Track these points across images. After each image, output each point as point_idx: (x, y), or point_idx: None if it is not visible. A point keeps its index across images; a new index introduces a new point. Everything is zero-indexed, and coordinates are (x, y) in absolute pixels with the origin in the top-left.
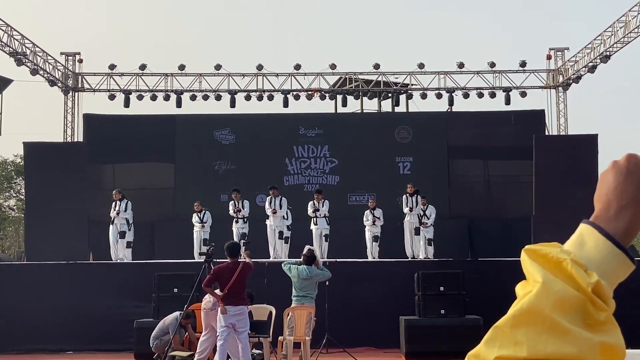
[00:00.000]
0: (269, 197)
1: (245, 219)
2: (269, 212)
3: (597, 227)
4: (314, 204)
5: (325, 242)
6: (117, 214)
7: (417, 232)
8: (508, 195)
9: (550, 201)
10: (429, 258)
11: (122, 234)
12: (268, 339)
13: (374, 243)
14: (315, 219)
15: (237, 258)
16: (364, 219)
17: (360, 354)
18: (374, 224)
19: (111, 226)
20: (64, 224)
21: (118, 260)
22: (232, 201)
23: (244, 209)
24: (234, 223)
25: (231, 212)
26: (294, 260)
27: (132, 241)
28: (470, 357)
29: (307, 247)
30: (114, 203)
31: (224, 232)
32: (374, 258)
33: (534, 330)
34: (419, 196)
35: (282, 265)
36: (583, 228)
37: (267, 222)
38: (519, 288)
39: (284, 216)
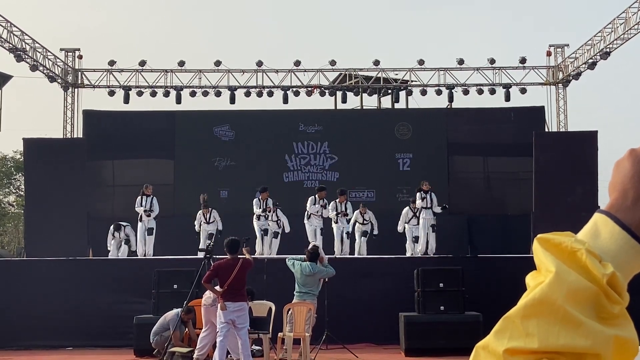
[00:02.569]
0: (331, 202)
1: (266, 217)
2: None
3: (613, 217)
4: (336, 205)
5: (347, 240)
6: (147, 213)
7: (433, 229)
8: (508, 191)
9: (550, 197)
10: (431, 251)
11: (151, 231)
12: (268, 335)
13: (362, 238)
14: (336, 216)
15: (236, 254)
16: (354, 218)
17: (359, 350)
18: (363, 224)
19: (140, 223)
20: (63, 220)
21: (145, 256)
22: (257, 199)
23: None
24: (255, 219)
25: (257, 210)
26: (298, 256)
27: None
28: (479, 349)
29: (312, 243)
30: (140, 198)
31: (229, 228)
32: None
33: (546, 322)
34: (433, 194)
35: (287, 260)
36: (597, 217)
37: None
38: (530, 278)
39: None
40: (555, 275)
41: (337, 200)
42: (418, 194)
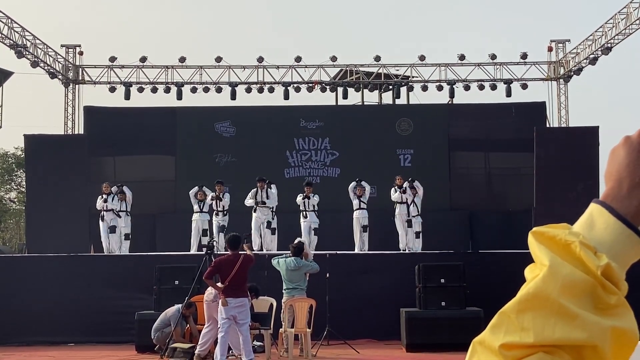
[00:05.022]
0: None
1: (225, 212)
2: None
3: (608, 207)
4: (303, 198)
5: (315, 236)
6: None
7: (409, 224)
8: (509, 187)
9: (551, 193)
10: (415, 250)
11: (113, 229)
12: (269, 331)
13: (363, 233)
14: (304, 212)
15: (237, 250)
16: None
17: (361, 345)
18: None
19: (102, 222)
20: (65, 216)
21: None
22: (213, 192)
23: (224, 199)
24: (213, 216)
25: (210, 202)
26: (282, 252)
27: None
28: (476, 344)
29: (297, 239)
30: (101, 196)
31: (230, 224)
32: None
33: (541, 316)
34: (409, 188)
35: (272, 260)
36: (593, 208)
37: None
38: (528, 271)
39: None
40: (549, 269)
41: (305, 193)
42: (392, 189)
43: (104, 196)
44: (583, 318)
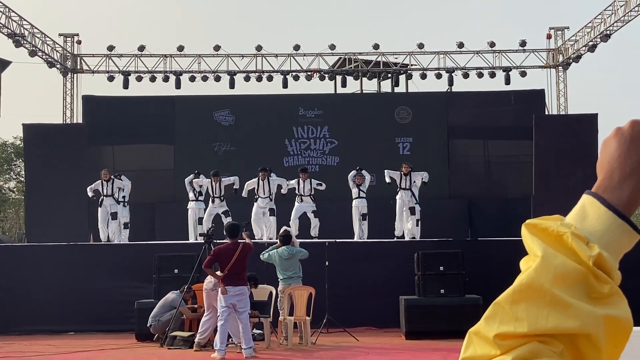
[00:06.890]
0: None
1: (222, 198)
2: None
3: (599, 198)
4: (298, 183)
5: (315, 218)
6: (115, 198)
7: (412, 211)
8: (508, 175)
9: (550, 181)
10: (415, 238)
11: (114, 215)
12: (268, 319)
13: (362, 221)
14: (300, 196)
15: (237, 239)
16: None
17: (360, 333)
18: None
19: (100, 208)
20: (64, 205)
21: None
22: (211, 181)
23: (222, 184)
24: (210, 202)
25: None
26: (269, 245)
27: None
28: (471, 334)
29: (283, 227)
30: (100, 183)
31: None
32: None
33: (534, 306)
34: (415, 173)
35: (260, 256)
36: (585, 199)
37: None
38: (523, 263)
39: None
40: (542, 260)
41: (300, 178)
42: (391, 171)
43: (104, 182)
44: (576, 307)
